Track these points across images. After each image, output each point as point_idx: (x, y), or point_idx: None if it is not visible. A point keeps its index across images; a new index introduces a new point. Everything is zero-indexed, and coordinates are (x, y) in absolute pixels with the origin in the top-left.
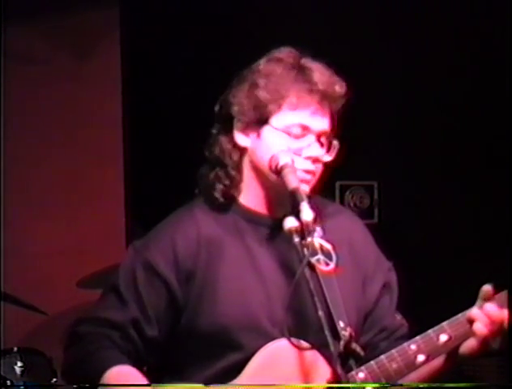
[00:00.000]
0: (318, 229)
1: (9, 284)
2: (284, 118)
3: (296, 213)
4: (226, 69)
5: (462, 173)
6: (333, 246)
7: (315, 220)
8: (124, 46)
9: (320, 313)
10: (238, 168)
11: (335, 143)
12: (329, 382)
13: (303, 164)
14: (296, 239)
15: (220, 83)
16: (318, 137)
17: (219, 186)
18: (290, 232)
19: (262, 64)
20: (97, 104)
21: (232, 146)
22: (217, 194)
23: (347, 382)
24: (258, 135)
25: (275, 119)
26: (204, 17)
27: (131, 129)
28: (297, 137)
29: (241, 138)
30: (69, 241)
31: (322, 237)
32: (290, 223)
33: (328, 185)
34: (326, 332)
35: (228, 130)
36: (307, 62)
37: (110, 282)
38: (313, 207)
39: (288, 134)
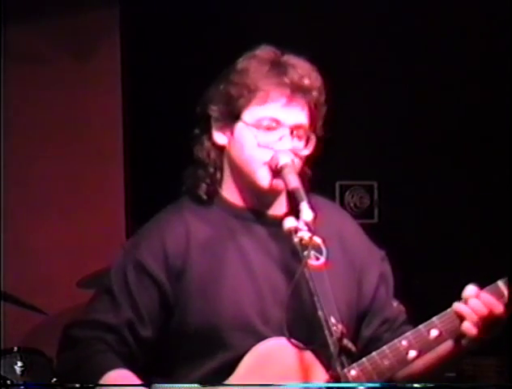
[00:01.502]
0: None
1: (9, 284)
2: (255, 113)
3: (296, 213)
4: (228, 67)
5: (462, 173)
6: (323, 240)
7: (314, 220)
8: (124, 46)
9: (320, 313)
10: (218, 166)
11: (313, 136)
12: (324, 381)
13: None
14: (296, 239)
15: None
16: (292, 130)
17: (202, 185)
18: (289, 232)
19: (239, 62)
20: (97, 104)
21: (211, 145)
22: (200, 192)
23: (343, 381)
24: (232, 133)
25: (247, 114)
26: (204, 16)
27: (131, 129)
28: (269, 129)
29: (218, 137)
30: (69, 241)
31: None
32: (290, 223)
33: (328, 185)
34: (326, 332)
35: (208, 130)
36: (285, 58)
37: (102, 284)
38: (312, 206)
39: (260, 128)
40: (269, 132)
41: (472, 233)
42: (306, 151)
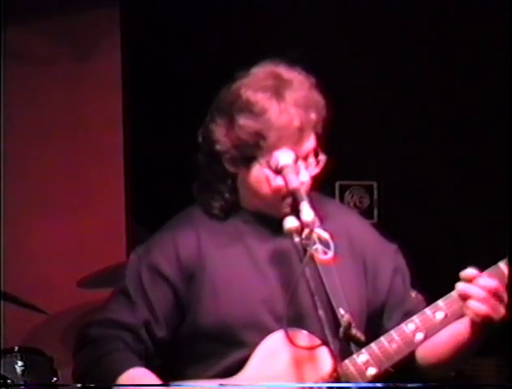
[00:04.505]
0: (316, 219)
1: (9, 284)
2: (269, 156)
3: (297, 213)
4: (227, 69)
5: (461, 172)
6: (331, 235)
7: (320, 220)
8: (124, 46)
9: (320, 312)
10: (232, 189)
11: (322, 157)
12: (330, 372)
13: None
14: (297, 239)
15: (221, 84)
16: (304, 158)
17: (216, 204)
18: (290, 232)
19: (240, 90)
20: (97, 104)
21: (222, 172)
22: (216, 211)
23: (355, 370)
24: (247, 169)
25: (261, 157)
26: (205, 17)
27: (131, 129)
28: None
29: (231, 167)
30: (69, 241)
31: (319, 227)
32: (290, 223)
33: (328, 186)
34: (327, 331)
35: (216, 160)
36: (284, 83)
37: (118, 286)
38: (312, 204)
39: (276, 167)
40: None
41: (473, 233)
42: (316, 170)
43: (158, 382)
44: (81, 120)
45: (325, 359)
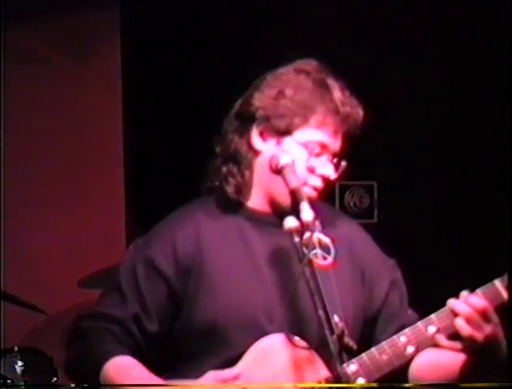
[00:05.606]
0: (317, 224)
1: (9, 284)
2: (307, 134)
3: (297, 213)
4: (227, 69)
5: (462, 172)
6: (332, 240)
7: (315, 220)
8: (124, 46)
9: (320, 312)
10: (251, 167)
11: (343, 163)
12: (324, 378)
13: (314, 181)
14: (296, 239)
15: (221, 83)
16: (332, 156)
17: (232, 181)
18: (290, 232)
19: (291, 74)
20: (97, 105)
21: (247, 146)
22: (229, 189)
23: (344, 380)
24: (278, 143)
25: (299, 133)
26: (205, 17)
27: (132, 129)
28: (316, 155)
29: (258, 142)
30: (69, 241)
31: (320, 232)
32: (290, 222)
33: (328, 185)
34: (326, 331)
35: (245, 130)
36: (329, 80)
37: (112, 279)
38: (313, 208)
39: (307, 149)
40: (315, 156)
41: (472, 233)
42: (334, 176)
43: (143, 370)
44: (81, 120)
45: (319, 363)
